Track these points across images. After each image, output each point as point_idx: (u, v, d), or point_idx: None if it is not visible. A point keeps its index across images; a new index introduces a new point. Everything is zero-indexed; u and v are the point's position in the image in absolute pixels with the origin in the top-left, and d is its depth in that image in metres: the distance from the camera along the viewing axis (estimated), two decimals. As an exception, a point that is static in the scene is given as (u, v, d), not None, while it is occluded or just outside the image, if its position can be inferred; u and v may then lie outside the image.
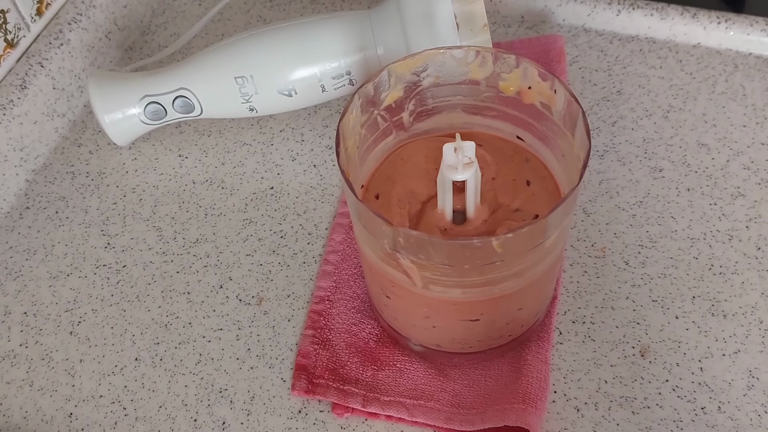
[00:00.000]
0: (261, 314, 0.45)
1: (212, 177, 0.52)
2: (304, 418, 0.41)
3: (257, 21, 0.62)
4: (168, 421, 0.41)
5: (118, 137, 0.52)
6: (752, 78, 0.54)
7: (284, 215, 0.49)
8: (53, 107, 0.54)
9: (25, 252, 0.49)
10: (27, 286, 0.47)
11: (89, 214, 0.51)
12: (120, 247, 0.49)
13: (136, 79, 0.50)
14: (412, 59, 0.38)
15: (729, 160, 0.50)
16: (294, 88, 0.49)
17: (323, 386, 0.41)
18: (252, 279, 0.46)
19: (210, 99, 0.50)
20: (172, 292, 0.46)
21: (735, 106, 0.52)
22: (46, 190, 0.52)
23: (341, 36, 0.48)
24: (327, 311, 0.44)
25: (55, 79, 0.54)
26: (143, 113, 0.50)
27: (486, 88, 0.40)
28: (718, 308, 0.43)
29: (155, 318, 0.45)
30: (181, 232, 0.49)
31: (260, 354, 0.43)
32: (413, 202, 0.39)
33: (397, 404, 0.40)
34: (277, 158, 0.53)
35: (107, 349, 0.44)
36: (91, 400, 0.42)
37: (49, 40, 0.54)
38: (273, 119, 0.55)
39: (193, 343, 0.44)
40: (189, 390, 0.42)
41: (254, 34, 0.50)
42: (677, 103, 0.53)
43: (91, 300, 0.46)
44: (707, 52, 0.56)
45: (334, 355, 0.42)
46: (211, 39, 0.61)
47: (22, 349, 0.45)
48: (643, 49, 0.57)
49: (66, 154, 0.54)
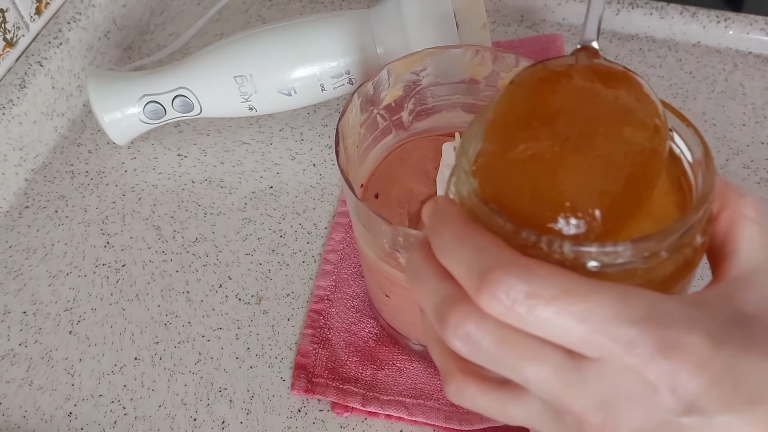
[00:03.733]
0: (260, 313, 0.45)
1: (211, 176, 0.52)
2: (303, 417, 0.41)
3: (256, 20, 0.62)
4: (167, 420, 0.41)
5: (118, 136, 0.52)
6: (752, 77, 0.54)
7: (283, 214, 0.49)
8: (52, 107, 0.54)
9: (24, 251, 0.49)
10: (26, 285, 0.47)
11: (88, 213, 0.51)
12: (119, 246, 0.49)
13: (135, 79, 0.50)
14: (412, 58, 0.38)
15: (728, 159, 0.50)
16: (293, 87, 0.49)
17: (323, 385, 0.41)
18: (251, 278, 0.46)
19: (209, 98, 0.50)
20: (171, 291, 0.46)
21: (734, 105, 0.52)
22: (46, 190, 0.52)
23: (341, 35, 0.48)
24: (326, 310, 0.44)
25: (55, 79, 0.54)
26: (142, 112, 0.50)
27: (485, 87, 0.40)
28: (718, 307, 0.43)
29: (154, 317, 0.45)
30: (181, 231, 0.49)
31: (260, 353, 0.43)
32: (413, 202, 0.39)
33: (396, 403, 0.40)
34: (277, 157, 0.53)
35: (107, 348, 0.44)
36: (91, 399, 0.42)
37: (48, 39, 0.54)
38: (272, 118, 0.55)
39: (192, 342, 0.44)
40: (188, 389, 0.42)
41: (254, 34, 0.50)
42: (677, 102, 0.53)
43: (91, 299, 0.46)
44: (707, 51, 0.56)
45: (333, 355, 0.42)
46: (211, 38, 0.61)
47: (21, 348, 0.45)
48: (642, 48, 0.57)
49: (65, 154, 0.54)
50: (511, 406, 0.25)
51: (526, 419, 0.25)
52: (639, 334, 0.22)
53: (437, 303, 0.24)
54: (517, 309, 0.22)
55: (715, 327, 0.23)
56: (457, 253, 0.24)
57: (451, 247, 0.24)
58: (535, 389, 0.24)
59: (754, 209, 0.27)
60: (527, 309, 0.22)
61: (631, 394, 0.22)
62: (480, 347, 0.23)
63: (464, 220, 0.25)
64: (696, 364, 0.22)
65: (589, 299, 0.22)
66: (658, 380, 0.22)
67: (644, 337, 0.22)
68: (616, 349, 0.22)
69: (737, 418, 0.22)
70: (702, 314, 0.23)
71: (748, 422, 0.22)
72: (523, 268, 0.23)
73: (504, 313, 0.23)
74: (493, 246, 0.24)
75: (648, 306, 0.22)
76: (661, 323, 0.22)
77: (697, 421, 0.22)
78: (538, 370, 0.23)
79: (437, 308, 0.24)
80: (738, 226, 0.26)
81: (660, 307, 0.23)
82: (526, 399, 0.25)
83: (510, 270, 0.23)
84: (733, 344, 0.23)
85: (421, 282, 0.25)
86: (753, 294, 0.25)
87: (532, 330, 0.23)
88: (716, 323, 0.23)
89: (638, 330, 0.22)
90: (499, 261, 0.23)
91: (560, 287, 0.22)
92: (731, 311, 0.24)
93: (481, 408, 0.25)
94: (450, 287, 0.24)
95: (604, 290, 0.22)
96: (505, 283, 0.22)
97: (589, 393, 0.23)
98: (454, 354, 0.25)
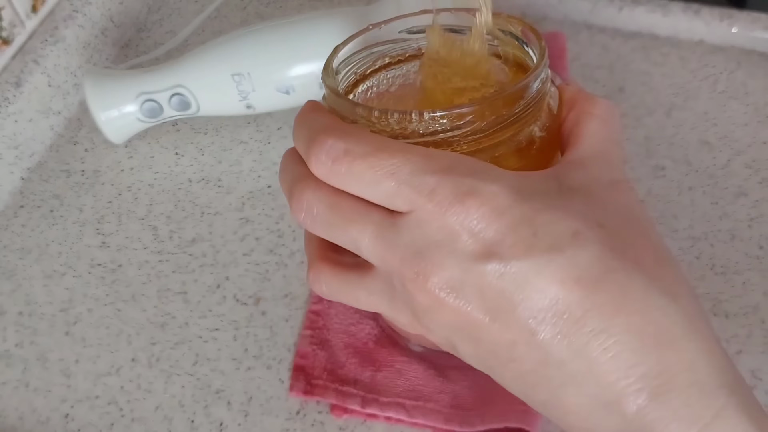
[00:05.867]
0: (258, 314, 0.44)
1: (209, 175, 0.52)
2: (302, 419, 0.40)
3: (254, 18, 0.61)
4: (165, 422, 0.41)
5: (114, 135, 0.51)
6: (755, 76, 0.54)
7: (282, 214, 0.49)
8: (48, 105, 0.54)
9: (19, 251, 0.49)
10: (21, 285, 0.47)
11: (84, 212, 0.50)
12: (115, 246, 0.48)
13: (132, 77, 0.50)
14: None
15: (730, 159, 0.49)
16: (292, 85, 0.49)
17: (321, 387, 0.41)
18: (249, 279, 0.46)
19: (207, 96, 0.50)
20: (168, 291, 0.46)
21: (737, 105, 0.52)
22: (41, 189, 0.52)
23: (339, 33, 0.48)
24: (325, 311, 0.44)
25: (51, 77, 0.53)
26: (139, 111, 0.50)
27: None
28: (720, 308, 0.42)
29: (151, 318, 0.45)
30: (177, 231, 0.49)
31: (258, 354, 0.43)
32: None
33: (396, 405, 0.40)
34: (275, 156, 0.52)
35: (103, 349, 0.44)
36: (87, 401, 0.42)
37: (45, 37, 0.54)
38: (270, 117, 0.54)
39: (189, 343, 0.43)
40: (186, 391, 0.42)
41: (252, 31, 0.49)
42: (679, 101, 0.52)
43: (86, 300, 0.46)
44: (710, 50, 0.55)
45: (332, 356, 0.42)
46: (208, 36, 0.60)
47: (17, 349, 0.44)
48: (645, 46, 0.56)
49: (61, 152, 0.54)
50: (359, 289, 0.27)
51: (370, 301, 0.27)
52: (438, 182, 0.24)
53: (290, 182, 0.27)
54: (337, 167, 0.25)
55: (525, 187, 0.24)
56: (298, 133, 0.27)
57: (296, 130, 0.27)
58: (364, 253, 0.26)
59: (601, 107, 0.29)
60: (346, 167, 0.24)
61: (438, 242, 0.24)
62: (316, 215, 0.26)
63: (312, 106, 0.28)
64: (492, 209, 0.23)
65: (397, 155, 0.24)
66: (457, 225, 0.24)
67: (444, 185, 0.24)
68: (420, 200, 0.24)
69: (534, 264, 0.23)
70: (514, 178, 0.25)
71: (546, 269, 0.23)
72: (342, 131, 0.25)
73: (328, 173, 0.25)
74: (323, 118, 0.26)
75: (453, 160, 0.25)
76: (462, 173, 0.24)
77: (496, 267, 0.23)
78: (362, 230, 0.25)
79: (289, 188, 0.27)
80: (583, 121, 0.28)
81: (464, 161, 0.25)
82: (369, 279, 0.26)
83: (330, 132, 0.25)
84: (538, 202, 0.24)
85: (282, 171, 0.28)
86: (581, 173, 0.26)
87: (353, 190, 0.25)
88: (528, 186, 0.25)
89: (438, 178, 0.24)
90: (324, 127, 0.25)
91: (373, 145, 0.25)
92: (556, 185, 0.25)
93: (335, 294, 0.28)
94: (298, 167, 0.26)
95: (414, 149, 0.25)
96: (325, 143, 0.25)
97: (404, 246, 0.24)
98: (316, 242, 0.28)
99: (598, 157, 0.27)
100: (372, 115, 0.27)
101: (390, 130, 0.27)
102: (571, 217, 0.24)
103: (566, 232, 0.24)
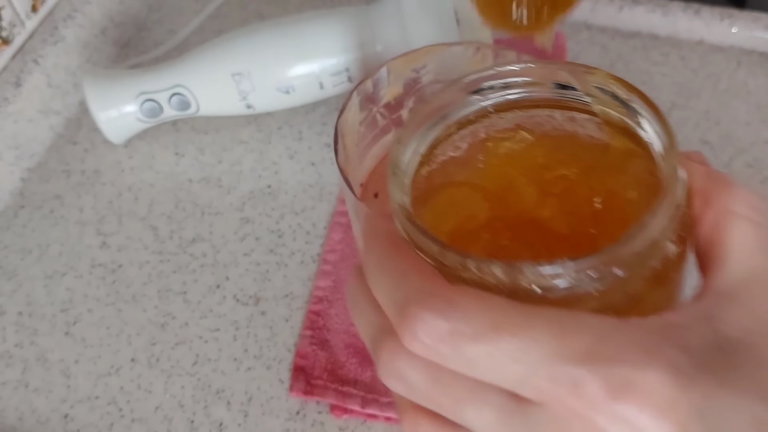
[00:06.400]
0: (258, 314, 0.44)
1: (209, 175, 0.51)
2: (302, 419, 0.40)
3: (255, 17, 0.61)
4: (165, 423, 0.41)
5: (114, 135, 0.51)
6: (756, 75, 0.53)
7: (282, 214, 0.49)
8: (48, 105, 0.54)
9: (19, 251, 0.48)
10: (22, 285, 0.47)
11: (84, 213, 0.50)
12: (115, 247, 0.48)
13: (132, 76, 0.50)
14: (412, 56, 0.38)
15: (732, 158, 0.49)
16: (292, 85, 0.49)
17: (321, 387, 0.41)
18: (249, 279, 0.46)
19: (207, 96, 0.50)
20: (168, 292, 0.46)
21: (738, 104, 0.52)
22: (41, 189, 0.52)
23: (340, 32, 0.48)
24: (325, 311, 0.44)
25: (50, 77, 0.53)
26: (139, 111, 0.50)
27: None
28: (722, 308, 0.42)
29: (151, 318, 0.45)
30: (178, 231, 0.49)
31: (258, 355, 0.43)
32: None
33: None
34: (275, 156, 0.52)
35: (103, 349, 0.44)
36: (87, 401, 0.42)
37: (44, 36, 0.54)
38: (270, 117, 0.54)
39: (189, 343, 0.43)
40: (186, 391, 0.42)
41: (252, 31, 0.49)
42: (680, 100, 0.52)
43: (87, 300, 0.46)
44: (710, 49, 0.55)
45: (332, 356, 0.42)
46: (208, 35, 0.60)
47: (17, 349, 0.44)
48: (645, 46, 0.56)
49: (61, 152, 0.54)
50: None
51: None
52: (582, 375, 0.19)
53: (372, 335, 0.22)
54: (441, 349, 0.19)
55: (687, 358, 0.19)
56: (378, 281, 0.21)
57: (374, 273, 0.22)
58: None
59: (746, 204, 0.22)
60: (452, 348, 0.19)
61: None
62: (414, 388, 0.21)
63: (390, 242, 0.22)
64: (657, 406, 0.18)
65: (521, 335, 0.19)
66: (612, 427, 0.19)
67: (590, 380, 0.19)
68: (560, 393, 0.19)
69: None
70: (669, 343, 0.19)
71: None
72: (443, 301, 0.20)
73: (428, 352, 0.20)
74: (413, 272, 0.21)
75: (594, 338, 0.19)
76: (611, 359, 0.19)
77: None
78: (480, 414, 0.20)
79: (372, 341, 0.22)
80: (726, 226, 0.22)
81: (609, 338, 0.19)
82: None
83: (427, 304, 0.20)
84: (707, 380, 0.19)
85: (357, 310, 0.23)
86: (739, 313, 0.21)
87: (464, 370, 0.20)
88: (689, 353, 0.19)
89: (580, 370, 0.19)
90: (418, 292, 0.20)
91: (486, 322, 0.19)
92: (712, 334, 0.20)
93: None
94: (381, 318, 0.21)
95: (539, 322, 0.19)
96: (422, 319, 0.19)
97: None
98: None
99: (754, 282, 0.21)
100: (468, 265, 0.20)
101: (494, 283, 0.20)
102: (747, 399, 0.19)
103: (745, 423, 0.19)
